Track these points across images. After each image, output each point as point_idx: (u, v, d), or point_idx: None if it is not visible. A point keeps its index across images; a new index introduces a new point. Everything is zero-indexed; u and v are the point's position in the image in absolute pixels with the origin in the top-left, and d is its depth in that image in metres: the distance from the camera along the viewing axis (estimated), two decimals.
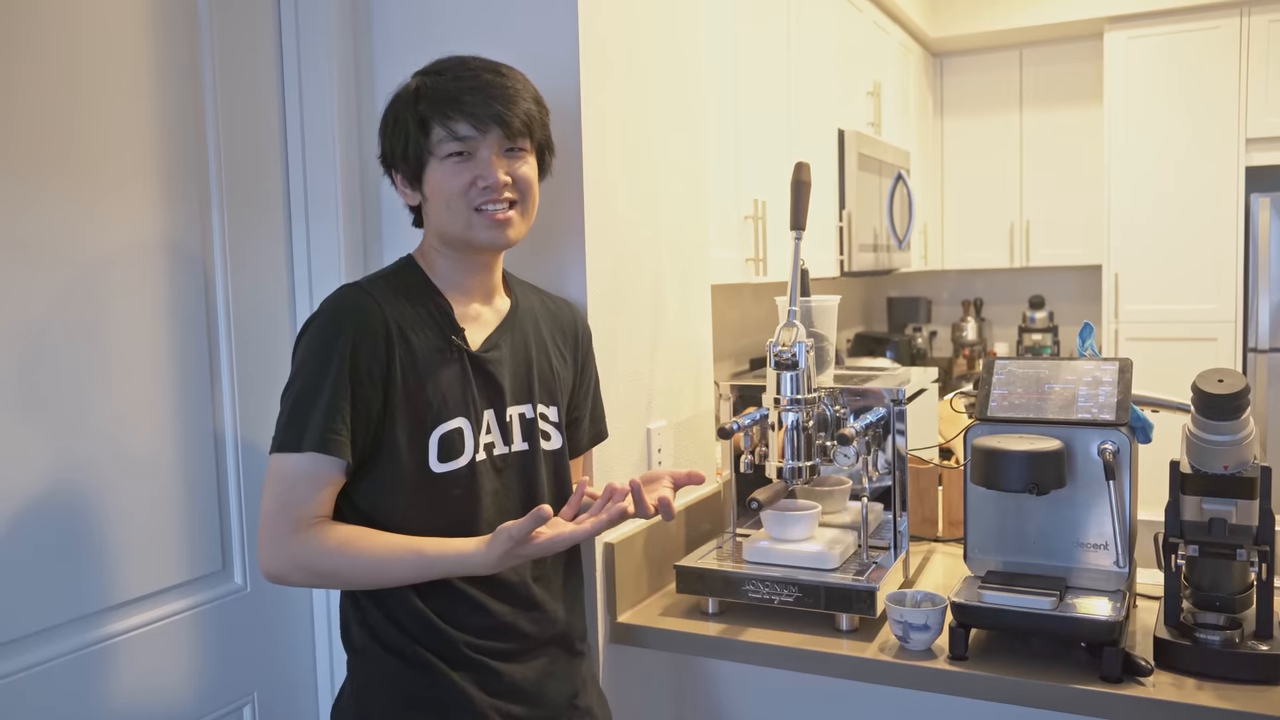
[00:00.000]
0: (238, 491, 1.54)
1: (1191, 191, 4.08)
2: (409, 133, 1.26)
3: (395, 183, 1.32)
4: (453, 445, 1.26)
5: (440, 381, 1.26)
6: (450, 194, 1.26)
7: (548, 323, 1.42)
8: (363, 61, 1.68)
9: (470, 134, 1.24)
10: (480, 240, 1.28)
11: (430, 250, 1.34)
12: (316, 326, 1.22)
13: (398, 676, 1.24)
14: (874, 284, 5.17)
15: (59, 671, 1.29)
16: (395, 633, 1.24)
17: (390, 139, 1.29)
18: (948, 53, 4.64)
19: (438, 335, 1.27)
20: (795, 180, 1.65)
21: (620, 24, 1.66)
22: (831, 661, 1.49)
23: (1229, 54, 3.99)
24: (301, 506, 1.17)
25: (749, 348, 3.38)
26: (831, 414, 1.64)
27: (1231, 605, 1.39)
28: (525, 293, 1.43)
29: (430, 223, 1.32)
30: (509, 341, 1.35)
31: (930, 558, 1.88)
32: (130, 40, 1.39)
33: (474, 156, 1.25)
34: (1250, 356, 4.00)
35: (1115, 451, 1.44)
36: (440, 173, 1.26)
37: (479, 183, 1.25)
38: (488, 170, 1.25)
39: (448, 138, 1.24)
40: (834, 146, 3.21)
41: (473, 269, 1.33)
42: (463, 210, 1.26)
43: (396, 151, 1.28)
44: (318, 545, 1.17)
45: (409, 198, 1.32)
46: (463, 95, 1.24)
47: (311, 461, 1.17)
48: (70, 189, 1.31)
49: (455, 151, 1.25)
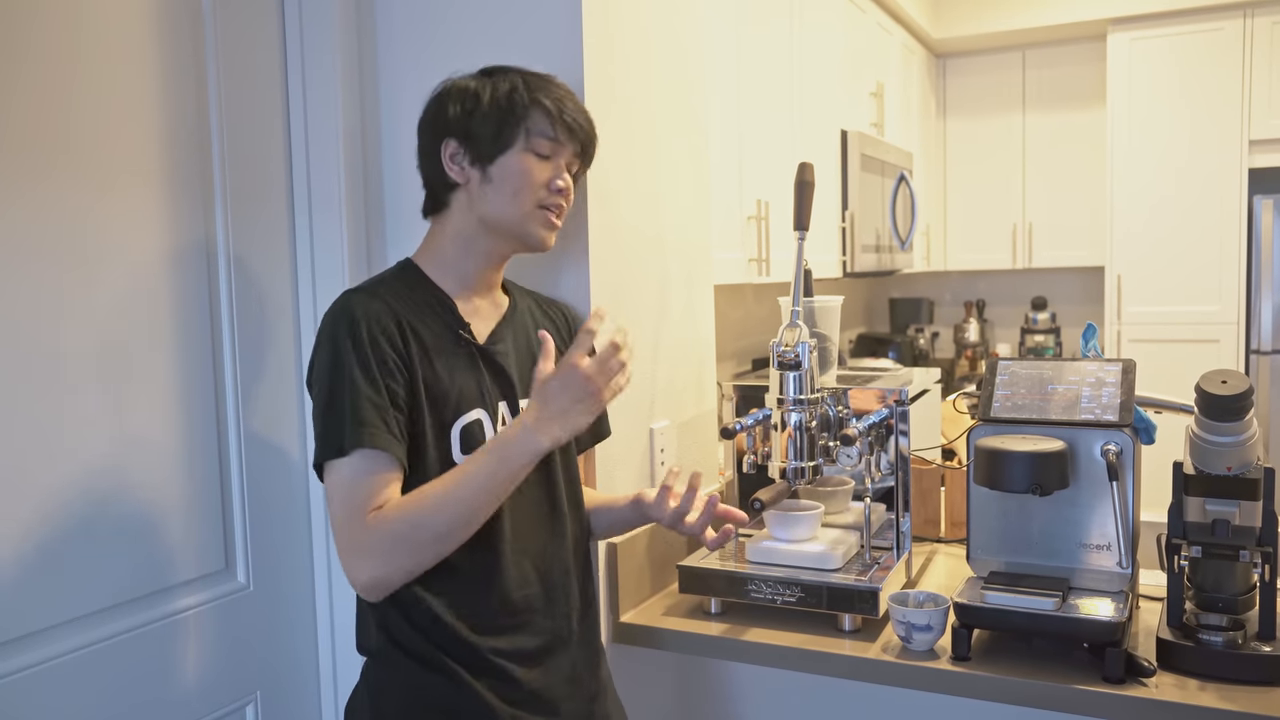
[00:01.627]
0: (241, 490, 1.54)
1: (1194, 193, 4.07)
2: (512, 113, 1.27)
3: (446, 152, 1.30)
4: (473, 437, 1.27)
5: (456, 373, 1.26)
6: (527, 184, 1.28)
7: (544, 323, 1.43)
8: (366, 58, 1.69)
9: (564, 139, 1.30)
10: (533, 234, 1.31)
11: (451, 244, 1.33)
12: (328, 334, 1.22)
13: (415, 681, 1.23)
14: (876, 285, 5.17)
15: (62, 670, 1.29)
16: (413, 635, 1.23)
17: (477, 112, 1.28)
18: (951, 54, 4.64)
19: (445, 329, 1.28)
20: (798, 181, 1.66)
21: (624, 25, 1.66)
22: (834, 662, 1.49)
23: (1232, 56, 3.99)
24: (368, 502, 1.16)
25: (751, 348, 3.38)
26: (834, 414, 1.64)
27: (1234, 606, 1.38)
28: (521, 294, 1.45)
29: (476, 207, 1.30)
30: (511, 336, 1.36)
31: (933, 558, 1.88)
32: (134, 38, 1.39)
33: (553, 160, 1.31)
34: (1253, 358, 3.99)
35: (1118, 452, 1.44)
36: (523, 162, 1.28)
37: (554, 184, 1.30)
38: (563, 175, 1.32)
39: (546, 134, 1.29)
40: (837, 147, 3.21)
41: (489, 262, 1.34)
42: (529, 203, 1.29)
43: (484, 126, 1.27)
44: (385, 517, 1.15)
45: (458, 174, 1.30)
46: (566, 104, 1.31)
47: (364, 459, 1.16)
48: (73, 186, 1.31)
49: (543, 152, 1.29)
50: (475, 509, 1.18)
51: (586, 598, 1.40)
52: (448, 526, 1.17)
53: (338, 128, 1.63)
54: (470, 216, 1.31)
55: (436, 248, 1.34)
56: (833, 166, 3.18)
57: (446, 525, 1.17)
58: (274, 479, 1.60)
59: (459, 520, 1.17)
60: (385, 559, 1.15)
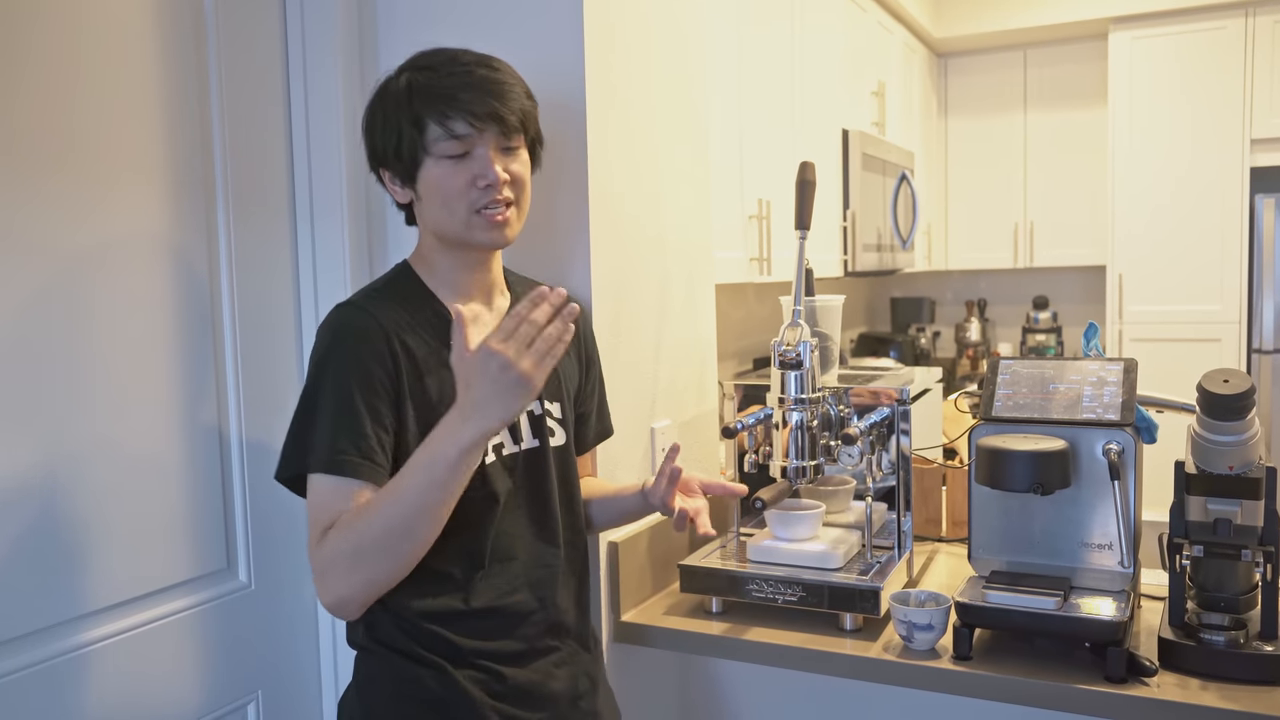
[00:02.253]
0: (242, 489, 1.54)
1: (1196, 192, 4.07)
2: (402, 131, 1.22)
3: (384, 180, 1.29)
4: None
5: (445, 385, 1.23)
6: (448, 194, 1.23)
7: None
8: (368, 60, 1.69)
9: (468, 132, 1.21)
10: (479, 241, 1.26)
11: (429, 250, 1.31)
12: (318, 348, 1.21)
13: (401, 673, 1.24)
14: (878, 284, 5.16)
15: (64, 669, 1.29)
16: (398, 634, 1.23)
17: (380, 137, 1.25)
18: (952, 53, 4.64)
19: (436, 339, 1.25)
20: (800, 180, 1.65)
21: (625, 23, 1.66)
22: (835, 661, 1.49)
23: (1234, 55, 3.98)
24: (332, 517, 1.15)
25: (753, 347, 3.38)
26: (836, 413, 1.64)
27: (1236, 606, 1.38)
28: (525, 289, 1.41)
29: (425, 222, 1.29)
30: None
31: (934, 558, 1.88)
32: (136, 39, 1.39)
33: (471, 155, 1.22)
34: (1254, 357, 3.99)
35: (1120, 451, 1.44)
36: (437, 171, 1.22)
37: (478, 182, 1.22)
38: (487, 169, 1.22)
39: (445, 136, 1.21)
40: (838, 146, 3.21)
41: (471, 266, 1.32)
42: (461, 211, 1.23)
43: (388, 150, 1.24)
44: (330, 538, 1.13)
45: (400, 196, 1.29)
46: (458, 92, 1.21)
47: (331, 482, 1.15)
48: (74, 187, 1.31)
49: (451, 152, 1.22)
50: (414, 516, 1.10)
51: (580, 598, 1.39)
52: (388, 539, 1.11)
53: (339, 129, 1.63)
54: (427, 232, 1.30)
55: (422, 255, 1.33)
56: (834, 166, 3.18)
57: (386, 537, 1.11)
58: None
59: (398, 530, 1.10)
60: (340, 578, 1.13)
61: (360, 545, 1.11)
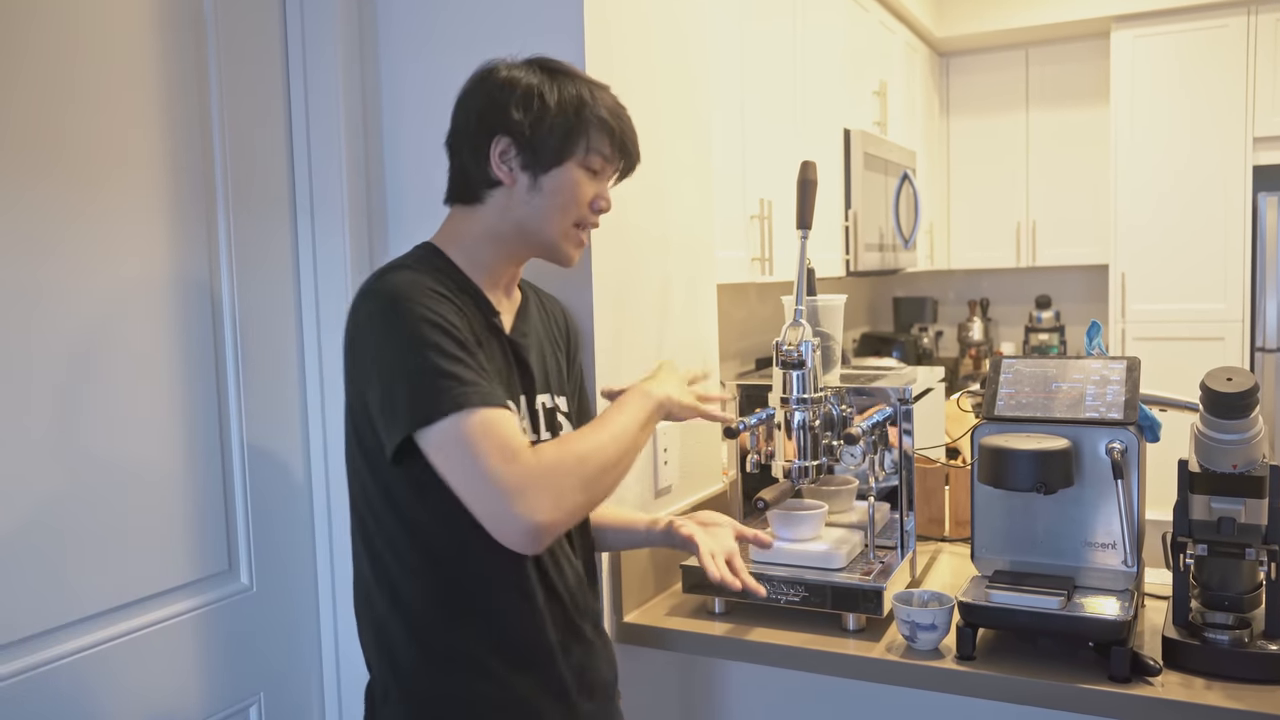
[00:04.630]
0: (244, 490, 1.54)
1: (1198, 191, 4.06)
2: (575, 126, 1.23)
3: (494, 151, 1.23)
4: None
5: (493, 363, 1.22)
6: (571, 200, 1.25)
7: (542, 314, 1.41)
8: (368, 58, 1.69)
9: (617, 161, 1.30)
10: (562, 252, 1.29)
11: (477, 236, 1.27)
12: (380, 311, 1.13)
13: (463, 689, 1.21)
14: (880, 284, 5.16)
15: (66, 671, 1.29)
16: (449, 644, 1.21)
17: (544, 120, 1.22)
18: (954, 52, 4.63)
19: (479, 316, 1.24)
20: (801, 179, 1.65)
21: (626, 24, 1.66)
22: (838, 661, 1.49)
23: (1236, 53, 3.98)
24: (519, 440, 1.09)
25: (755, 347, 3.38)
26: (838, 413, 1.64)
27: (1240, 605, 1.38)
28: (527, 288, 1.42)
29: (514, 210, 1.25)
30: (530, 330, 1.34)
31: (937, 557, 1.87)
32: (135, 40, 1.39)
33: (599, 177, 1.29)
34: (1258, 356, 3.98)
35: (1123, 450, 1.44)
36: (576, 176, 1.25)
37: (598, 203, 1.29)
38: (607, 194, 1.31)
39: (602, 153, 1.26)
40: (840, 146, 3.20)
41: (515, 262, 1.31)
42: (571, 219, 1.26)
43: (551, 136, 1.22)
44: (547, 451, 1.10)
45: (505, 175, 1.24)
46: (625, 122, 1.29)
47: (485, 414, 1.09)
48: (73, 190, 1.31)
49: (595, 168, 1.27)
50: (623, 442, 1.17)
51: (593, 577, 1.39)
52: (612, 457, 1.15)
53: (340, 130, 1.63)
54: (506, 218, 1.26)
55: (463, 237, 1.28)
56: (836, 165, 3.17)
57: (610, 456, 1.14)
58: (276, 480, 1.60)
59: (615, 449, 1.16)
60: (558, 494, 1.08)
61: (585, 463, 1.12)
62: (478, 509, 1.07)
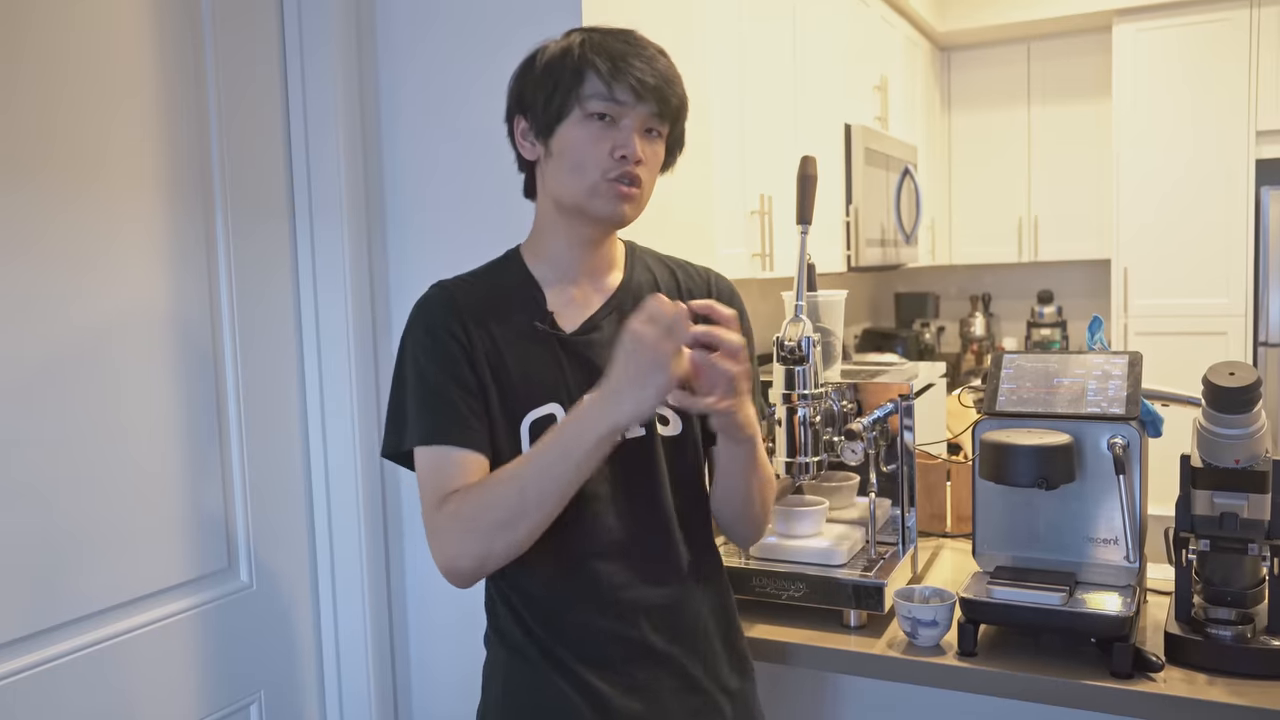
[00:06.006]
0: (243, 488, 1.54)
1: (1201, 185, 4.05)
2: (561, 78, 1.16)
3: (515, 131, 1.23)
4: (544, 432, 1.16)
5: (529, 367, 1.20)
6: (582, 155, 1.16)
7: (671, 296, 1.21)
8: (366, 59, 1.68)
9: (626, 100, 1.15)
10: (598, 211, 1.18)
11: (542, 227, 1.26)
12: (407, 328, 1.22)
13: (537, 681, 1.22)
14: (881, 279, 5.15)
15: (66, 669, 1.29)
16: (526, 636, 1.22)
17: (532, 82, 1.19)
18: (955, 47, 4.62)
19: (524, 320, 1.22)
20: (801, 174, 1.64)
21: (625, 19, 1.65)
22: (839, 658, 1.49)
23: (1239, 46, 3.96)
24: (441, 490, 1.15)
25: (755, 343, 3.37)
26: (839, 409, 1.63)
27: (1243, 600, 1.37)
28: (646, 267, 1.32)
29: (547, 186, 1.22)
30: (613, 321, 1.24)
31: (938, 553, 1.87)
32: (132, 40, 1.38)
33: (616, 125, 1.17)
34: (1260, 350, 3.97)
35: (1125, 446, 1.43)
36: (579, 131, 1.16)
37: (616, 152, 1.16)
38: (629, 140, 1.16)
39: (601, 95, 1.15)
40: (841, 141, 3.19)
41: (583, 243, 1.24)
42: (593, 174, 1.16)
43: (539, 96, 1.18)
44: (450, 501, 1.13)
45: (528, 151, 1.22)
46: (630, 58, 1.17)
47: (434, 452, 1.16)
48: (71, 192, 1.31)
49: (600, 113, 1.16)
50: (538, 494, 1.09)
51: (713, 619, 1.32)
52: (508, 513, 1.09)
53: (338, 131, 1.63)
54: (546, 198, 1.24)
55: (533, 231, 1.28)
56: (836, 160, 3.16)
57: (507, 511, 1.09)
58: (276, 478, 1.60)
59: (522, 506, 1.09)
60: (454, 543, 1.12)
61: (481, 515, 1.11)
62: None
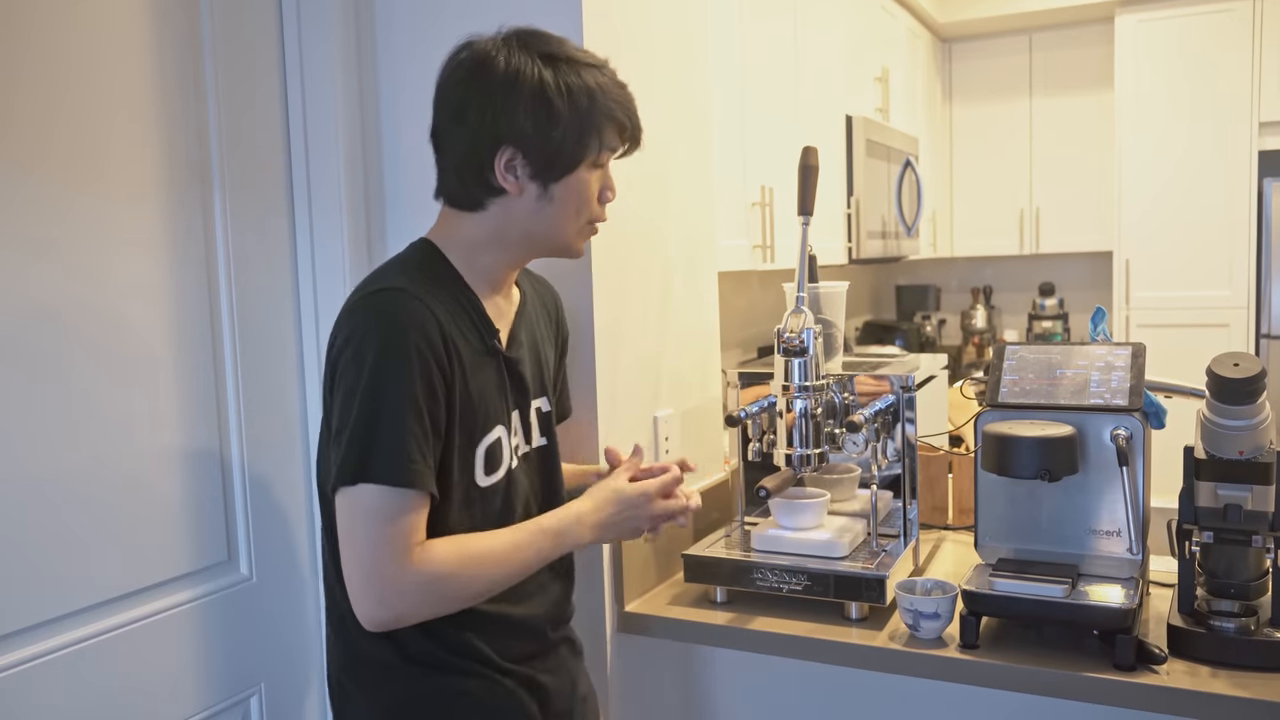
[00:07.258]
0: (243, 481, 1.54)
1: (1203, 176, 4.04)
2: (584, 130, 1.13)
3: (500, 160, 1.13)
4: (495, 456, 1.19)
5: (486, 390, 1.17)
6: (584, 201, 1.17)
7: (537, 307, 1.35)
8: (365, 52, 1.67)
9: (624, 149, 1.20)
10: (576, 250, 1.22)
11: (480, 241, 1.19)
12: (370, 337, 1.07)
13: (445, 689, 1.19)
14: (882, 271, 5.14)
15: (66, 662, 1.29)
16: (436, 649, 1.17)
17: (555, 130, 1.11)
18: (956, 38, 4.61)
19: (477, 337, 1.17)
20: (802, 165, 1.64)
21: (626, 11, 1.64)
22: (841, 650, 1.48)
23: (1241, 37, 3.95)
24: (410, 540, 1.07)
25: (757, 335, 3.37)
26: (840, 401, 1.63)
27: (1246, 592, 1.37)
28: (522, 279, 1.34)
29: (517, 219, 1.17)
30: (525, 334, 1.28)
31: (940, 546, 1.86)
32: (130, 31, 1.37)
33: (604, 167, 1.20)
34: (1263, 342, 3.97)
35: (1128, 437, 1.43)
36: (586, 177, 1.16)
37: (605, 194, 1.20)
38: (612, 182, 1.20)
39: (612, 148, 1.17)
40: (842, 133, 3.18)
41: (518, 265, 1.25)
42: (585, 219, 1.19)
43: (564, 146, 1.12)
44: (436, 568, 1.08)
45: (511, 186, 1.14)
46: (631, 108, 1.18)
47: (403, 496, 1.06)
48: (69, 185, 1.30)
49: (603, 162, 1.18)
50: (512, 577, 1.16)
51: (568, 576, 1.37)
52: (487, 586, 1.13)
53: (337, 121, 1.62)
54: (513, 227, 1.18)
55: (463, 242, 1.19)
56: (838, 152, 3.15)
57: (487, 585, 1.13)
58: (275, 470, 1.60)
59: (497, 583, 1.14)
60: (419, 608, 1.09)
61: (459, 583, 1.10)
62: (349, 573, 1.07)
